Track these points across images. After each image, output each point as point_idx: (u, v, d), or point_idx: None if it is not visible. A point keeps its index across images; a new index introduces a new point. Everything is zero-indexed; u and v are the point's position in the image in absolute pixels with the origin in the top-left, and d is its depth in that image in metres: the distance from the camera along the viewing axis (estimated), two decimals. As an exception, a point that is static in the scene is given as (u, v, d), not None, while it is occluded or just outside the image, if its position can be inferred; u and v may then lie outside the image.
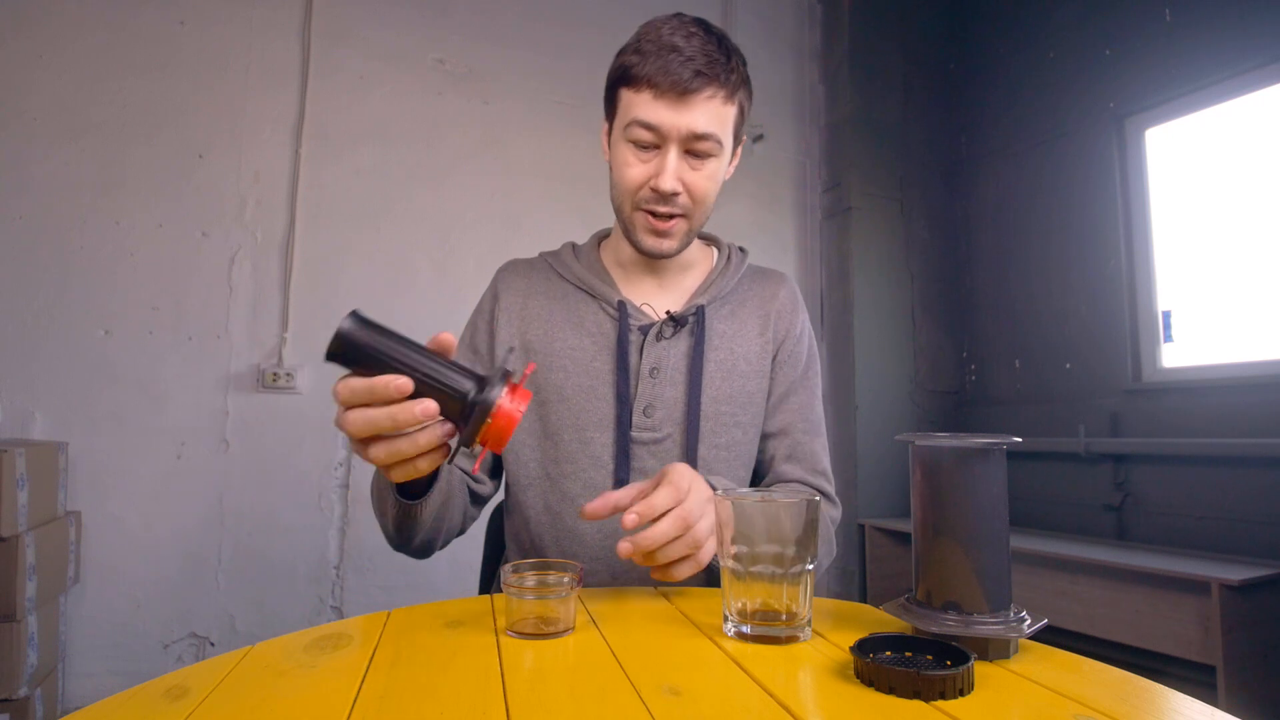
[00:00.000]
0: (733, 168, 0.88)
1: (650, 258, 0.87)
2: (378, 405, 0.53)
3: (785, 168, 2.80)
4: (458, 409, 0.54)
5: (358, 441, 0.56)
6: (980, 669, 0.49)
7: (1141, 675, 0.48)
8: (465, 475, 0.86)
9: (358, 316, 0.53)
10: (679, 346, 0.87)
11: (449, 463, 0.59)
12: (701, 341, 0.87)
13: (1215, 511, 2.02)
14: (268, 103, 2.05)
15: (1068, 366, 2.47)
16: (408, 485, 0.67)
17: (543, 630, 0.55)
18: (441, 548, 0.82)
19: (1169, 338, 2.25)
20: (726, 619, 0.56)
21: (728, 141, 0.82)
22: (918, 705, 0.43)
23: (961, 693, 0.44)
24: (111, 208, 1.88)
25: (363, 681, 0.46)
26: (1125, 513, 2.23)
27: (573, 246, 0.97)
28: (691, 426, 0.84)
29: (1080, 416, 2.38)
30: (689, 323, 0.88)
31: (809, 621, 0.55)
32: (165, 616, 1.86)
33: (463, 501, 0.84)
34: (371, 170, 2.15)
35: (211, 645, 1.89)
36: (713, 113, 0.78)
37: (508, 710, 0.41)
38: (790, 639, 0.54)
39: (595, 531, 0.84)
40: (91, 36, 1.89)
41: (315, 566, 2.00)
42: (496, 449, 0.55)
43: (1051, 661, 0.52)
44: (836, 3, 2.82)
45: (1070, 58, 2.53)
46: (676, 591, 0.71)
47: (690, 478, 0.65)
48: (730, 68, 0.79)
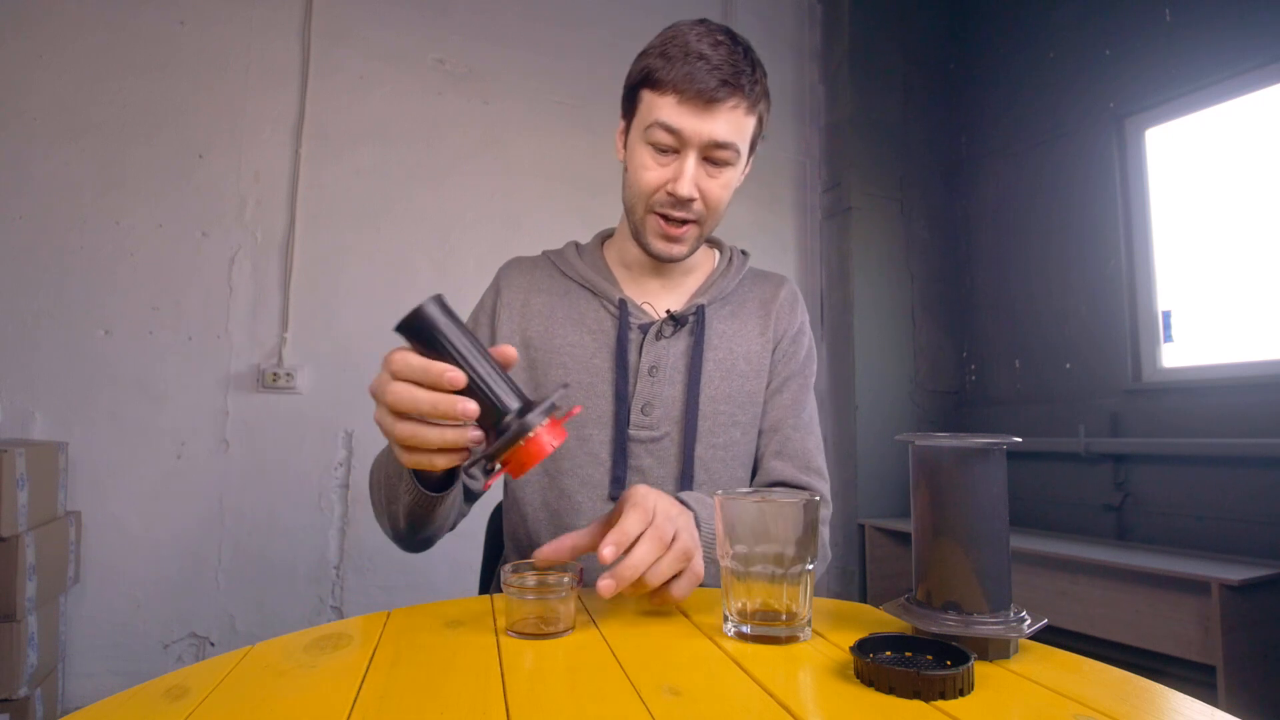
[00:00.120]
0: (744, 176, 0.88)
1: (659, 261, 0.88)
2: (425, 387, 0.53)
3: (785, 168, 2.80)
4: (494, 422, 0.54)
5: (389, 412, 0.55)
6: (980, 669, 0.49)
7: (1141, 675, 0.48)
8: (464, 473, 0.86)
9: (440, 301, 0.54)
10: (678, 346, 0.87)
11: (463, 469, 0.59)
12: (701, 341, 0.87)
13: (1215, 511, 2.02)
14: (268, 103, 2.05)
15: (1068, 366, 2.47)
16: (424, 478, 0.67)
17: (543, 630, 0.55)
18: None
19: (1169, 338, 2.25)
20: (726, 619, 0.56)
21: (745, 151, 0.83)
22: (918, 705, 0.43)
23: (961, 693, 0.44)
24: (111, 208, 1.88)
25: (363, 681, 0.46)
26: (1125, 513, 2.23)
27: (576, 245, 0.97)
28: (689, 426, 0.85)
29: (1080, 416, 2.38)
30: (689, 322, 0.88)
31: (809, 621, 0.55)
32: (165, 616, 1.86)
33: (461, 497, 0.84)
34: (371, 170, 2.15)
35: (211, 645, 1.89)
36: (734, 123, 0.78)
37: (508, 710, 0.41)
38: (790, 639, 0.54)
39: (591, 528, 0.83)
40: (91, 36, 1.89)
41: (315, 566, 2.00)
42: (515, 473, 0.55)
43: (1051, 661, 0.52)
44: (836, 3, 2.82)
45: (1070, 58, 2.53)
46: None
47: (653, 495, 0.63)
48: (754, 79, 0.79)
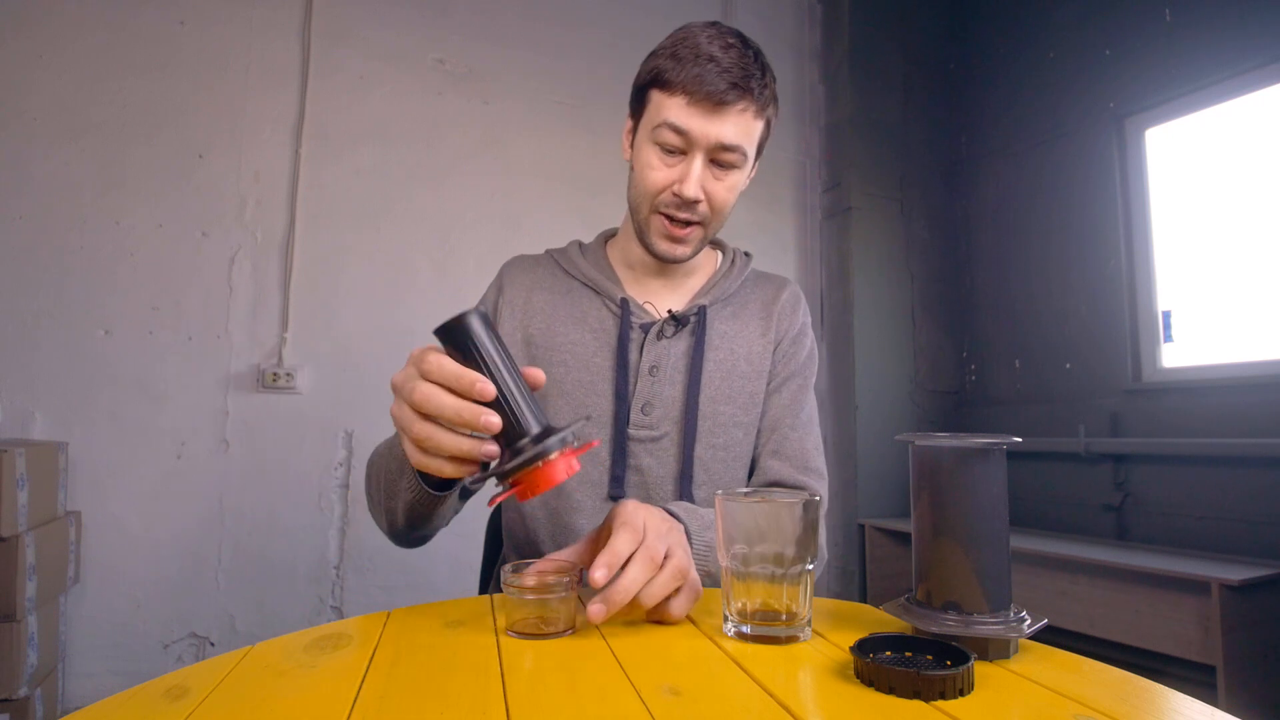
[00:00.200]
0: (749, 179, 0.88)
1: (662, 262, 0.88)
2: (452, 394, 0.53)
3: (785, 168, 2.80)
4: (511, 441, 0.54)
5: (409, 409, 0.55)
6: (980, 669, 0.49)
7: (1141, 675, 0.48)
8: (469, 485, 0.86)
9: (484, 315, 0.55)
10: (679, 346, 0.87)
11: (469, 483, 0.58)
12: (702, 341, 0.87)
13: (1215, 511, 2.02)
14: (268, 103, 2.05)
15: (1068, 366, 2.47)
16: (427, 477, 0.67)
17: (543, 630, 0.55)
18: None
19: (1169, 338, 2.25)
20: (726, 619, 0.56)
21: (752, 155, 0.83)
22: (918, 705, 0.43)
23: (961, 693, 0.44)
24: (111, 208, 1.88)
25: (363, 681, 0.46)
26: (1125, 513, 2.23)
27: (579, 244, 0.97)
28: (689, 426, 0.85)
29: (1080, 416, 2.38)
30: (690, 322, 0.88)
31: (809, 621, 0.55)
32: (165, 616, 1.86)
33: (457, 494, 0.84)
34: (371, 170, 2.15)
35: (211, 645, 1.89)
36: (743, 126, 0.79)
37: (508, 710, 0.41)
38: (790, 639, 0.54)
39: (592, 527, 0.83)
40: (91, 36, 1.89)
41: (315, 566, 2.00)
42: (522, 496, 0.55)
43: (1051, 661, 0.52)
44: (836, 3, 2.82)
45: (1070, 58, 2.53)
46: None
47: (643, 512, 0.62)
48: (764, 83, 0.79)
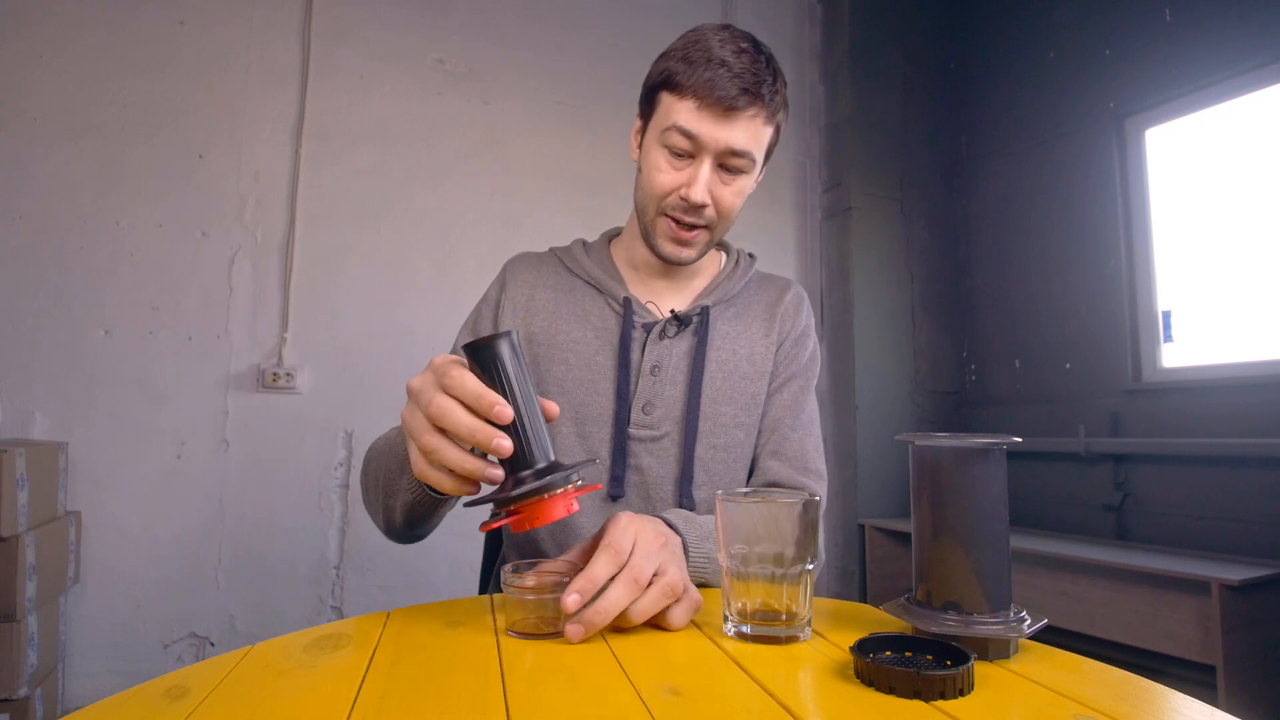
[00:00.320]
0: (757, 183, 0.88)
1: (667, 264, 0.88)
2: (469, 411, 0.52)
3: (785, 168, 2.80)
4: (517, 469, 0.54)
5: (422, 418, 0.54)
6: (980, 669, 0.49)
7: (1141, 675, 0.48)
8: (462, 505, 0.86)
9: (514, 339, 0.55)
10: (681, 346, 0.87)
11: (465, 502, 0.57)
12: (704, 342, 0.87)
13: (1215, 511, 2.02)
14: (268, 103, 2.05)
15: (1068, 366, 2.47)
16: None
17: (543, 630, 0.55)
18: None
19: (1169, 338, 2.25)
20: (726, 619, 0.56)
21: (760, 160, 0.82)
22: (918, 705, 0.43)
23: (961, 693, 0.44)
24: (111, 208, 1.88)
25: (363, 681, 0.46)
26: (1125, 513, 2.23)
27: (583, 243, 0.97)
28: (690, 426, 0.84)
29: (1080, 416, 2.38)
30: (693, 322, 0.88)
31: (809, 621, 0.55)
32: (165, 616, 1.86)
33: None
34: (371, 170, 2.15)
35: (211, 645, 1.89)
36: (752, 132, 0.78)
37: (508, 710, 0.41)
38: (790, 639, 0.54)
39: (592, 528, 0.83)
40: (91, 36, 1.89)
41: (315, 566, 2.00)
42: (517, 527, 0.55)
43: (1051, 661, 0.52)
44: (836, 3, 2.82)
45: (1070, 58, 2.53)
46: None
47: (634, 529, 0.59)
48: (775, 89, 0.79)
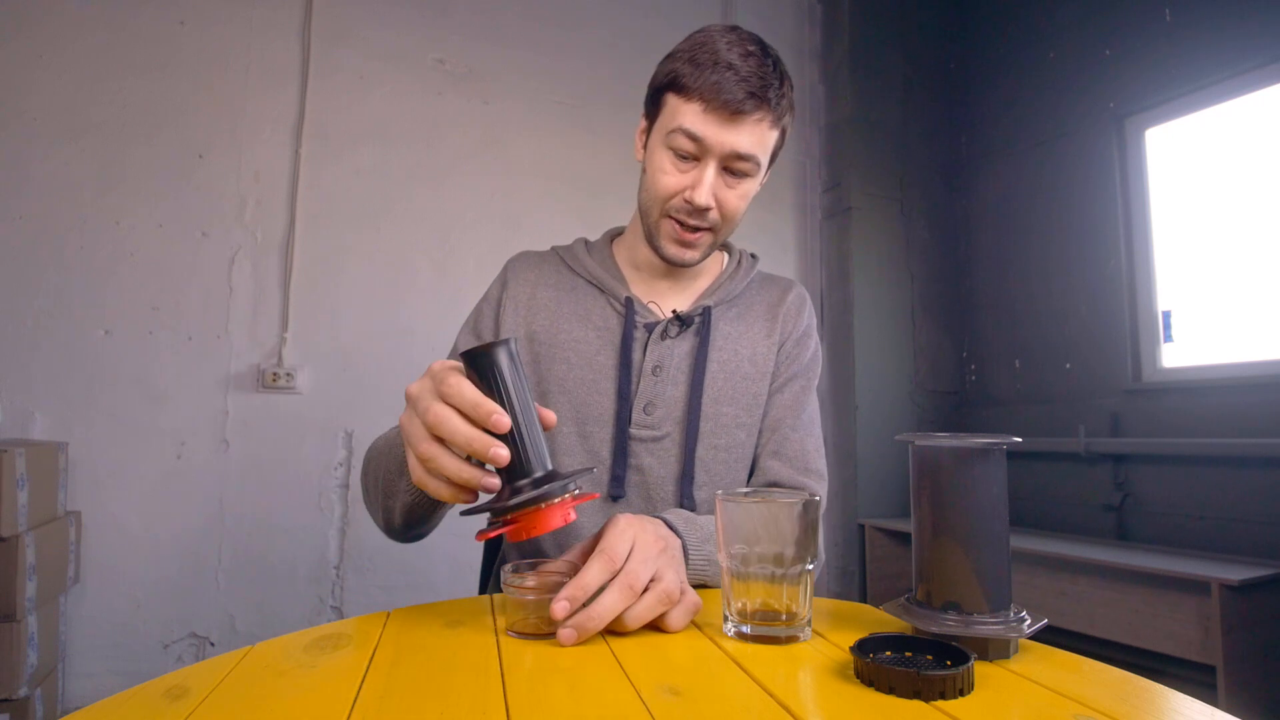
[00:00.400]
0: (761, 185, 0.87)
1: (670, 265, 0.87)
2: (466, 421, 0.52)
3: (785, 168, 2.80)
4: (514, 479, 0.53)
5: (420, 426, 0.54)
6: (980, 669, 0.49)
7: (1141, 675, 0.48)
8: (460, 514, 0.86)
9: (512, 347, 0.54)
10: (683, 346, 0.87)
11: (462, 511, 0.57)
12: (706, 342, 0.87)
13: (1215, 511, 2.02)
14: (268, 103, 2.05)
15: (1068, 366, 2.47)
16: None
17: (543, 630, 0.55)
18: None
19: (1169, 338, 2.25)
20: (726, 619, 0.56)
21: (765, 163, 0.82)
22: (918, 705, 0.43)
23: (961, 693, 0.44)
24: (111, 208, 1.88)
25: (363, 681, 0.46)
26: (1125, 513, 2.23)
27: (585, 242, 0.97)
28: (691, 426, 0.84)
29: (1080, 416, 2.38)
30: (695, 323, 0.88)
31: (809, 621, 0.55)
32: (165, 616, 1.86)
33: None
34: (371, 170, 2.15)
35: (211, 645, 1.89)
36: (758, 136, 0.78)
37: (508, 710, 0.41)
38: (790, 639, 0.54)
39: (593, 528, 0.83)
40: (91, 36, 1.89)
41: (315, 566, 2.00)
42: (513, 536, 0.54)
43: (1051, 661, 0.52)
44: (836, 3, 2.82)
45: (1070, 58, 2.53)
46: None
47: (632, 532, 0.58)
48: (781, 93, 0.78)
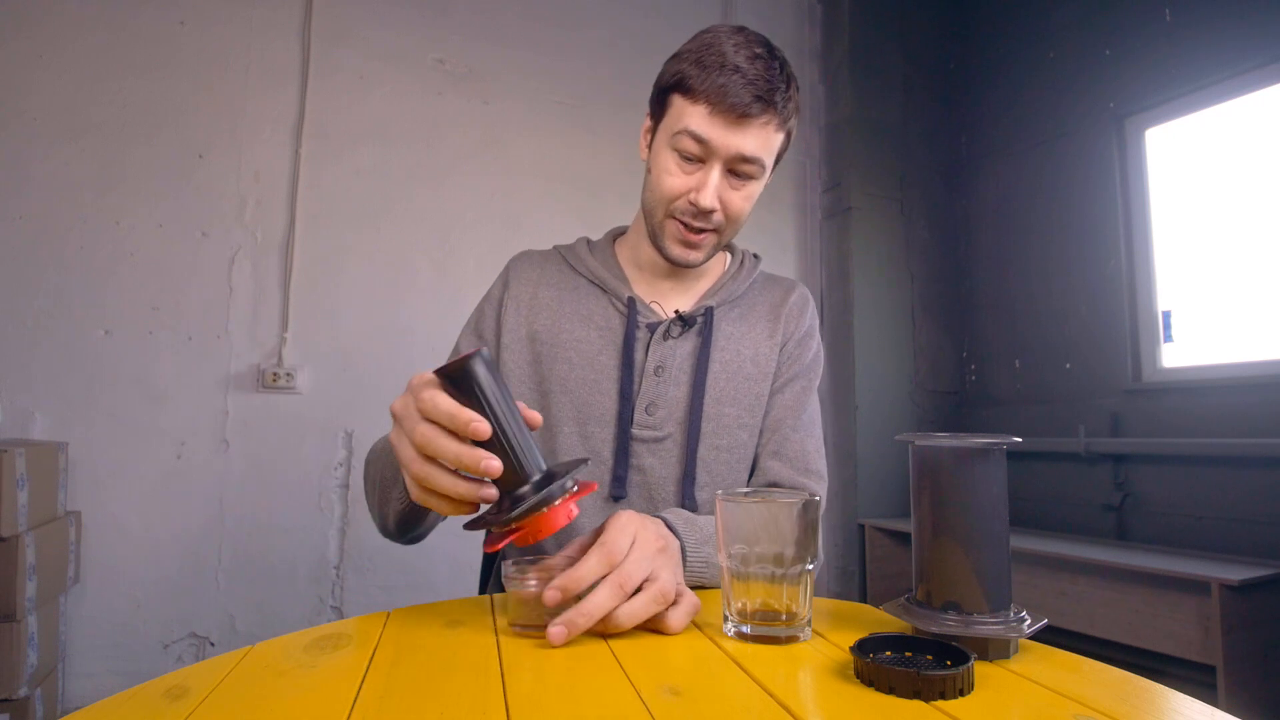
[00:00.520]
0: (764, 186, 0.87)
1: (674, 266, 0.87)
2: (452, 437, 0.52)
3: (785, 168, 2.80)
4: (512, 486, 0.53)
5: (407, 444, 0.53)
6: (980, 669, 0.49)
7: (1141, 675, 0.48)
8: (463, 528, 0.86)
9: (486, 358, 0.54)
10: (685, 346, 0.87)
11: (464, 525, 0.57)
12: (708, 342, 0.87)
13: (1215, 511, 2.02)
14: (268, 103, 2.05)
15: (1068, 366, 2.47)
16: None
17: (543, 625, 0.55)
18: None
19: (1169, 338, 2.25)
20: (726, 619, 0.56)
21: (770, 165, 0.82)
22: (918, 705, 0.43)
23: (961, 693, 0.44)
24: (111, 208, 1.88)
25: (363, 681, 0.46)
26: (1125, 513, 2.23)
27: (587, 241, 0.96)
28: (693, 426, 0.84)
29: (1080, 416, 2.38)
30: (697, 323, 0.88)
31: (809, 621, 0.55)
32: (165, 616, 1.86)
33: None
34: (371, 170, 2.15)
35: (211, 645, 1.89)
36: (764, 139, 0.78)
37: (508, 710, 0.41)
38: (790, 639, 0.54)
39: (593, 526, 0.83)
40: (91, 36, 1.89)
41: (315, 566, 2.00)
42: (521, 542, 0.54)
43: (1051, 661, 0.52)
44: (836, 3, 2.82)
45: (1070, 58, 2.53)
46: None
47: (632, 529, 0.58)
48: (788, 95, 0.78)
